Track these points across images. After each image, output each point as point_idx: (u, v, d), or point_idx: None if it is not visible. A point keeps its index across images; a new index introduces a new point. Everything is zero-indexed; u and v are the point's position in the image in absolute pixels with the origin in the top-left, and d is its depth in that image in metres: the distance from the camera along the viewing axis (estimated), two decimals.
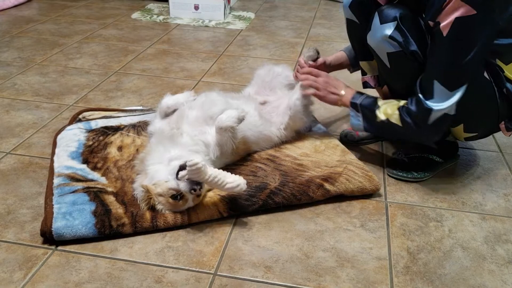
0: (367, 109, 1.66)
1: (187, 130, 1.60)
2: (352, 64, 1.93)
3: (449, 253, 1.40)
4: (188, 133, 1.59)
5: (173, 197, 1.42)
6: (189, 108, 1.67)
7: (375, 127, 1.66)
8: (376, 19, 1.55)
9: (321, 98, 1.78)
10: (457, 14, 1.38)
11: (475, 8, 1.36)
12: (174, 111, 1.70)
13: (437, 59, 1.47)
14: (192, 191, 1.39)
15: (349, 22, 1.78)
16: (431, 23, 1.46)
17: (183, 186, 1.40)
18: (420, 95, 1.51)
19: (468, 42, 1.42)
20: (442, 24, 1.41)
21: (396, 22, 1.51)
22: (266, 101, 1.91)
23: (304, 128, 1.91)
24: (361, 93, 1.72)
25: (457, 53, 1.44)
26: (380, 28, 1.55)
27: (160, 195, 1.43)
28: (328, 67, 1.91)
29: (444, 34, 1.41)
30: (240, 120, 1.58)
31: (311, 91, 1.78)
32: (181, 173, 1.40)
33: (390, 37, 1.53)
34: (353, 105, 1.69)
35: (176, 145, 1.54)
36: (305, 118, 1.85)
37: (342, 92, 1.73)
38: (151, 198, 1.45)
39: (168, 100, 1.71)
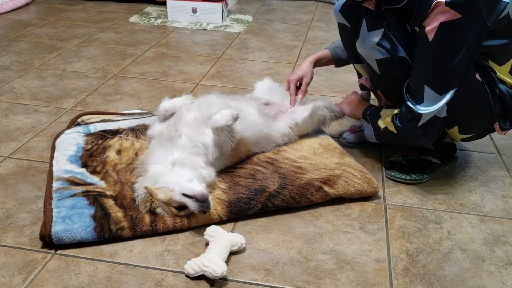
0: (372, 119, 1.71)
1: (185, 131, 1.61)
2: (335, 62, 1.97)
3: (448, 255, 1.41)
4: (187, 135, 1.59)
5: (179, 208, 1.43)
6: (187, 110, 1.68)
7: (381, 136, 1.70)
8: (364, 27, 1.58)
9: (342, 109, 1.92)
10: (442, 18, 1.39)
11: (460, 12, 1.37)
12: (173, 114, 1.71)
13: (424, 63, 1.49)
14: (202, 213, 1.41)
15: (341, 27, 1.79)
16: (417, 28, 1.47)
17: (192, 206, 1.40)
18: (409, 103, 1.53)
19: (454, 45, 1.43)
20: (427, 29, 1.43)
21: (383, 29, 1.53)
22: (269, 102, 1.93)
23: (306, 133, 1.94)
24: (372, 106, 1.79)
25: (444, 57, 1.45)
26: (368, 35, 1.57)
27: (163, 202, 1.44)
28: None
29: (430, 38, 1.43)
30: (235, 118, 1.58)
31: (336, 104, 1.95)
32: (189, 203, 1.41)
33: (378, 44, 1.55)
34: (364, 116, 1.76)
35: (176, 147, 1.55)
36: (314, 126, 1.91)
37: (357, 107, 1.84)
38: (152, 201, 1.45)
39: (166, 104, 1.72)
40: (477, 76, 1.55)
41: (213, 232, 1.37)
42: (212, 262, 1.26)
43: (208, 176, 1.53)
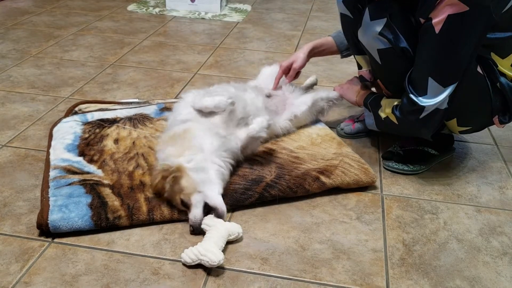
0: (373, 108, 1.71)
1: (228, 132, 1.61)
2: (340, 50, 1.97)
3: (444, 245, 1.41)
4: (231, 135, 1.61)
5: (182, 202, 1.43)
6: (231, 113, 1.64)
7: (382, 125, 1.70)
8: (367, 16, 1.56)
9: (343, 94, 1.93)
10: (450, 11, 1.38)
11: (468, 5, 1.36)
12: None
13: (429, 56, 1.48)
14: (191, 229, 1.39)
15: (343, 17, 1.78)
16: (422, 20, 1.46)
17: (193, 217, 1.39)
18: (412, 95, 1.52)
19: (460, 38, 1.42)
20: (434, 21, 1.42)
21: (386, 19, 1.52)
22: (271, 94, 1.92)
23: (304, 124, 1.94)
24: (373, 93, 1.79)
25: (450, 49, 1.44)
26: (370, 24, 1.55)
27: (181, 187, 1.41)
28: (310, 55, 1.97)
29: (437, 30, 1.42)
30: (269, 128, 1.61)
31: (337, 89, 1.96)
32: (196, 211, 1.40)
33: (380, 33, 1.54)
34: (365, 105, 1.76)
35: (223, 145, 1.55)
36: (313, 117, 1.93)
37: (358, 94, 1.84)
38: (174, 175, 1.42)
39: (207, 102, 1.61)
40: (479, 69, 1.54)
41: (210, 221, 1.38)
42: (209, 251, 1.26)
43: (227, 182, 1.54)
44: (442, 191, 1.66)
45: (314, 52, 1.97)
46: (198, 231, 1.38)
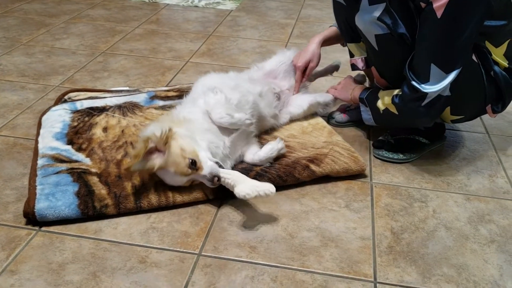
0: (370, 102, 1.69)
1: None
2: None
3: (432, 233, 1.42)
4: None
5: (192, 162, 1.39)
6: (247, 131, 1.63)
7: (380, 118, 1.69)
8: (365, 0, 1.54)
9: (337, 96, 1.91)
10: None
11: None
12: None
13: (431, 41, 1.46)
14: (212, 180, 1.40)
15: (335, 4, 1.76)
16: (423, 4, 1.44)
17: (210, 167, 1.40)
18: (414, 82, 1.50)
19: (462, 22, 1.41)
20: (435, 5, 1.40)
21: (385, 3, 1.50)
22: (282, 89, 1.90)
23: None
24: (368, 88, 1.77)
25: (452, 34, 1.43)
26: (368, 9, 1.53)
27: (182, 149, 1.39)
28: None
29: (438, 15, 1.40)
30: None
31: (332, 91, 1.94)
32: (208, 163, 1.41)
33: (379, 19, 1.52)
34: (361, 100, 1.74)
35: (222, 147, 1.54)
36: (306, 116, 1.93)
37: (353, 91, 1.81)
38: (164, 141, 1.40)
39: (224, 120, 1.55)
40: (473, 57, 1.53)
41: (227, 171, 1.43)
42: (258, 184, 1.37)
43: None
44: (432, 180, 1.66)
45: (324, 45, 1.93)
46: (217, 178, 1.40)
